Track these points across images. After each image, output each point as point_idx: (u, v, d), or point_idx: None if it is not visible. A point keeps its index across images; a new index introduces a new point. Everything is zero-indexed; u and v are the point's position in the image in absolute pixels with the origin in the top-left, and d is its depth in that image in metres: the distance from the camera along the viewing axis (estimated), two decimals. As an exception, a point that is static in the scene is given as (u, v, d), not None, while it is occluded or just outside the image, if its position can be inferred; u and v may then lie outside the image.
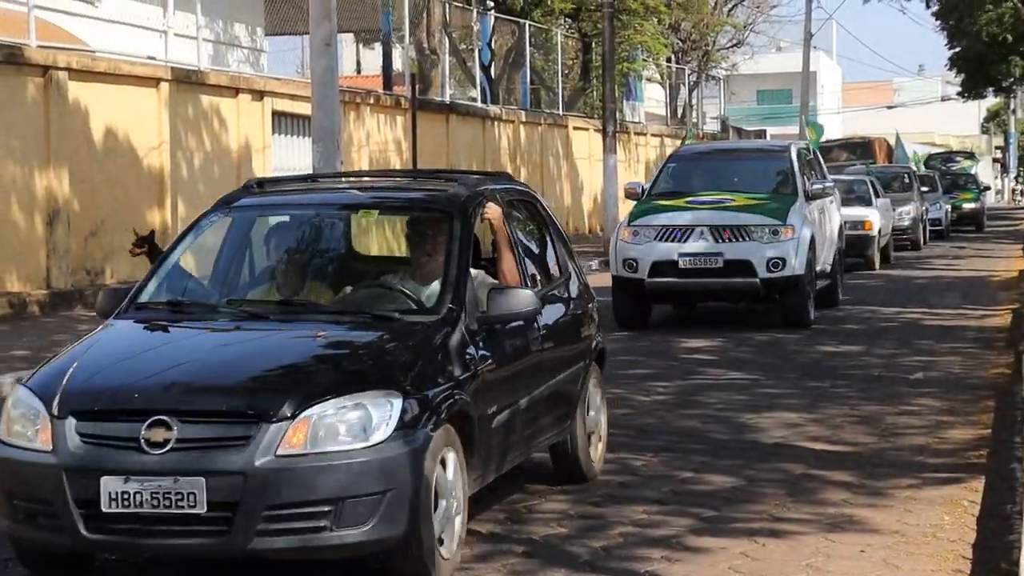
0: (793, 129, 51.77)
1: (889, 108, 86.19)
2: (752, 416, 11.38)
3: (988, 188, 55.23)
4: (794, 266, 17.13)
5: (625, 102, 46.17)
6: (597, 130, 36.22)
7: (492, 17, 37.58)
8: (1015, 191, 79.53)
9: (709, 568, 7.09)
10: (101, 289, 9.03)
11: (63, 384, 6.60)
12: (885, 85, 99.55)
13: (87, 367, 6.79)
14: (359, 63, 53.73)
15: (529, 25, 38.03)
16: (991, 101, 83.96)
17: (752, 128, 68.47)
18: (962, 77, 50.74)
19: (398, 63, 32.29)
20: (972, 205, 46.43)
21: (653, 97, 56.68)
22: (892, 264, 29.14)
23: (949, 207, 42.56)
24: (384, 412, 6.40)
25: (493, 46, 37.69)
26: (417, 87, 28.19)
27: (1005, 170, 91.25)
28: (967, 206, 46.10)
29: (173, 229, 20.22)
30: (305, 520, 6.24)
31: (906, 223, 33.64)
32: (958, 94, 54.37)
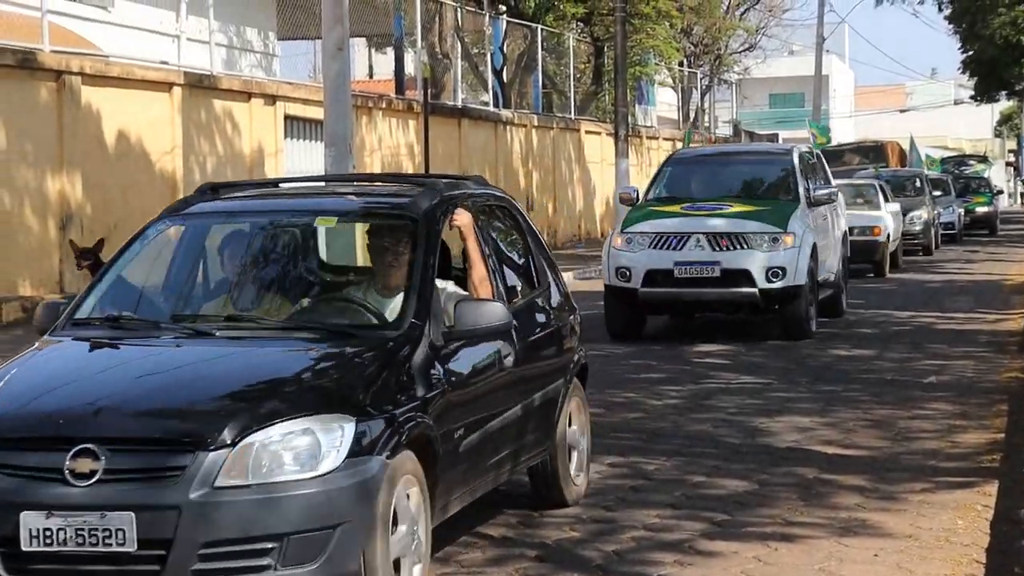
0: (805, 133, 51.71)
1: (902, 112, 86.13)
2: (764, 420, 11.37)
3: (1001, 192, 55.18)
4: (794, 275, 16.39)
5: (637, 106, 46.13)
6: (609, 134, 36.23)
7: (504, 21, 37.60)
8: None
9: (722, 572, 7.09)
10: (40, 302, 8.40)
11: None
12: (898, 89, 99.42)
13: (11, 390, 6.26)
14: (371, 67, 53.82)
15: (541, 29, 38.04)
16: (1004, 105, 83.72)
17: (764, 132, 68.44)
18: (975, 80, 50.64)
19: (410, 67, 32.31)
20: (985, 209, 46.37)
21: (665, 101, 56.67)
22: (903, 269, 28.93)
23: (962, 211, 42.51)
24: (334, 438, 5.87)
25: (505, 50, 37.71)
26: (429, 91, 28.22)
27: (1018, 173, 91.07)
28: (980, 210, 46.04)
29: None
30: (246, 559, 5.71)
31: (918, 228, 33.25)
32: (971, 98, 54.24)
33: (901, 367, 14.45)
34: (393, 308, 6.93)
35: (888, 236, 27.42)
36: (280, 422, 5.85)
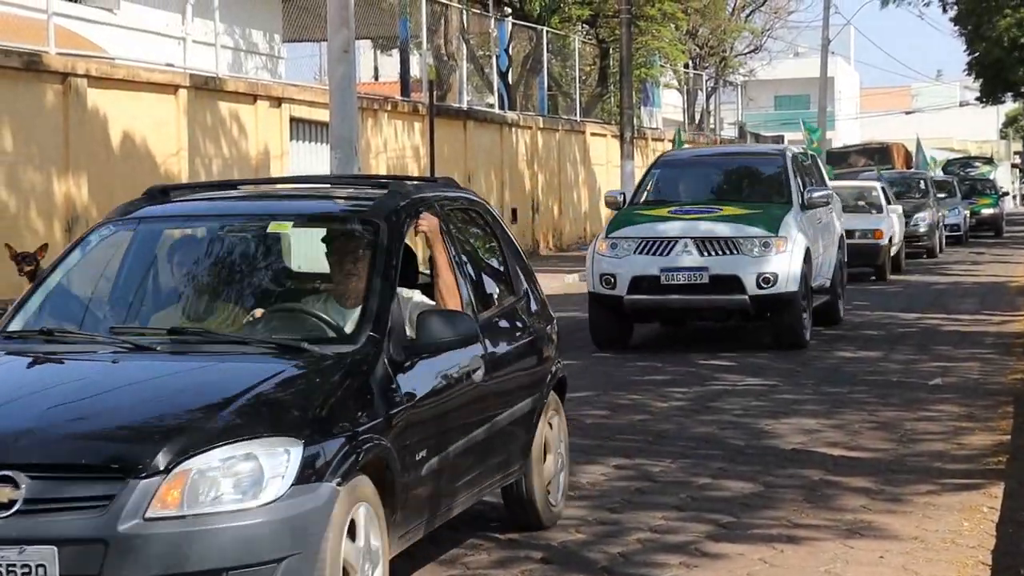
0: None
1: (907, 113, 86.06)
2: (770, 422, 11.37)
3: (1007, 193, 55.11)
4: (787, 282, 15.67)
5: (643, 108, 46.17)
6: (615, 136, 36.25)
7: (510, 23, 37.60)
8: None
9: (727, 574, 7.09)
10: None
11: None
12: (903, 90, 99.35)
13: None
14: (377, 70, 53.86)
15: (547, 31, 38.06)
16: (1010, 106, 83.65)
17: (770, 134, 68.42)
18: (981, 82, 50.61)
19: (416, 69, 32.35)
20: (991, 210, 46.34)
21: (671, 103, 56.69)
22: (907, 271, 28.76)
23: (968, 212, 42.47)
24: (279, 463, 5.36)
25: (511, 52, 37.70)
26: (435, 93, 28.22)
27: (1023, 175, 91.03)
28: (986, 211, 46.00)
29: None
30: None
31: (921, 230, 32.89)
32: (977, 99, 54.20)
33: (907, 369, 14.45)
34: (353, 320, 6.42)
35: (890, 239, 27.03)
36: (219, 446, 5.33)
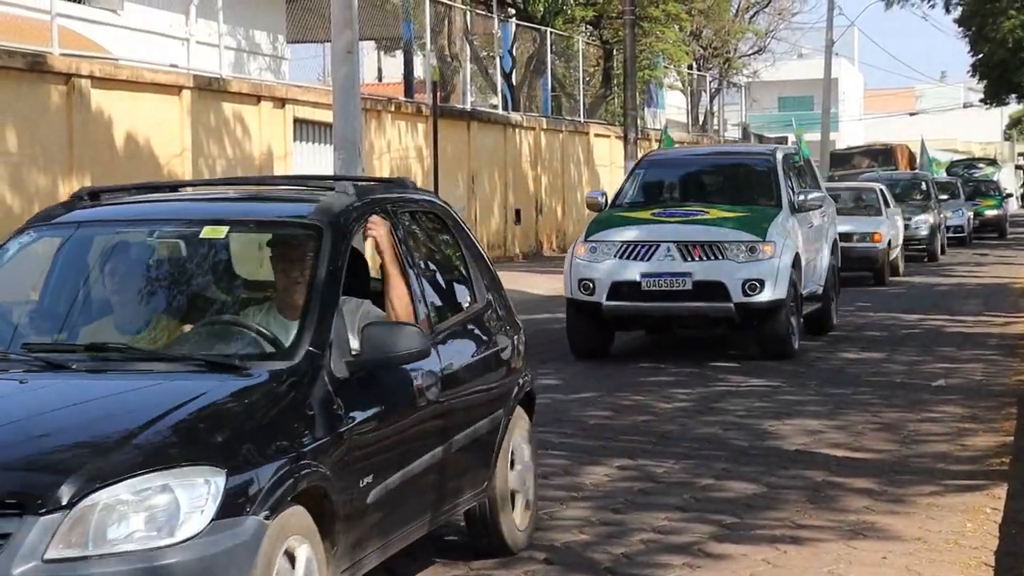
0: (815, 136, 51.73)
1: (911, 115, 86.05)
2: (773, 423, 11.37)
3: (1011, 195, 55.09)
4: (774, 289, 14.87)
5: (646, 109, 46.17)
6: (618, 137, 36.23)
7: (513, 24, 37.62)
8: None
9: (730, 575, 7.09)
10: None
11: None
12: (907, 91, 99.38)
13: None
14: (380, 71, 53.85)
15: (550, 32, 38.07)
16: (1014, 108, 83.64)
17: (773, 135, 68.41)
18: (984, 84, 50.63)
19: (419, 70, 32.34)
20: (994, 212, 46.34)
21: (674, 104, 56.71)
22: (910, 273, 28.47)
23: (971, 214, 42.46)
24: (199, 495, 4.83)
25: (514, 53, 37.73)
26: (438, 94, 28.22)
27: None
28: (989, 213, 45.99)
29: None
30: None
31: (922, 233, 32.35)
32: (981, 101, 54.23)
33: (910, 370, 14.45)
34: (292, 333, 5.90)
35: (889, 242, 26.45)
36: (130, 477, 4.78)
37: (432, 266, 7.26)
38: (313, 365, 5.68)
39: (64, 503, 4.69)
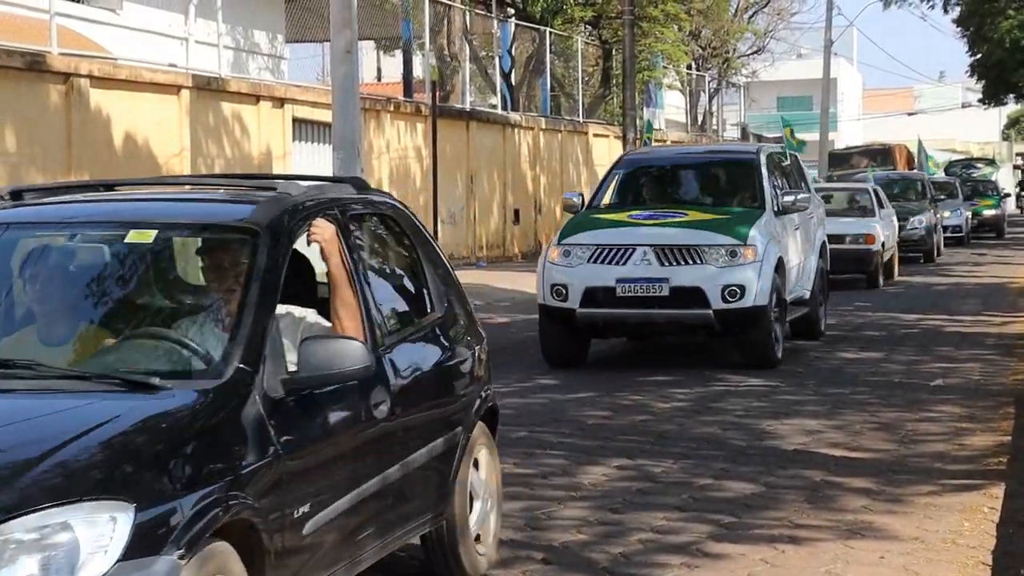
0: (813, 136, 51.74)
1: (910, 115, 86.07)
2: (772, 423, 11.38)
3: (1009, 195, 55.12)
4: (755, 295, 14.21)
5: (645, 109, 46.18)
6: (617, 137, 36.27)
7: (512, 24, 37.63)
8: (1021, 196, 78.73)
9: (729, 574, 7.09)
10: None
11: None
12: (906, 91, 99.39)
13: None
14: (380, 70, 53.87)
15: (549, 32, 38.09)
16: (1012, 108, 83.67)
17: (772, 135, 68.44)
18: (983, 84, 50.66)
19: (418, 70, 32.35)
20: (993, 212, 46.39)
21: (673, 104, 56.74)
22: (905, 275, 28.02)
23: (969, 214, 42.48)
24: (102, 533, 4.31)
25: (513, 53, 37.73)
26: (437, 94, 28.26)
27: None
28: (987, 212, 46.04)
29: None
30: None
31: (918, 234, 31.81)
32: (979, 101, 54.25)
33: (908, 370, 14.46)
34: (221, 348, 5.37)
35: (882, 244, 25.63)
36: (24, 515, 4.27)
37: (384, 273, 6.77)
38: (243, 384, 5.15)
39: None
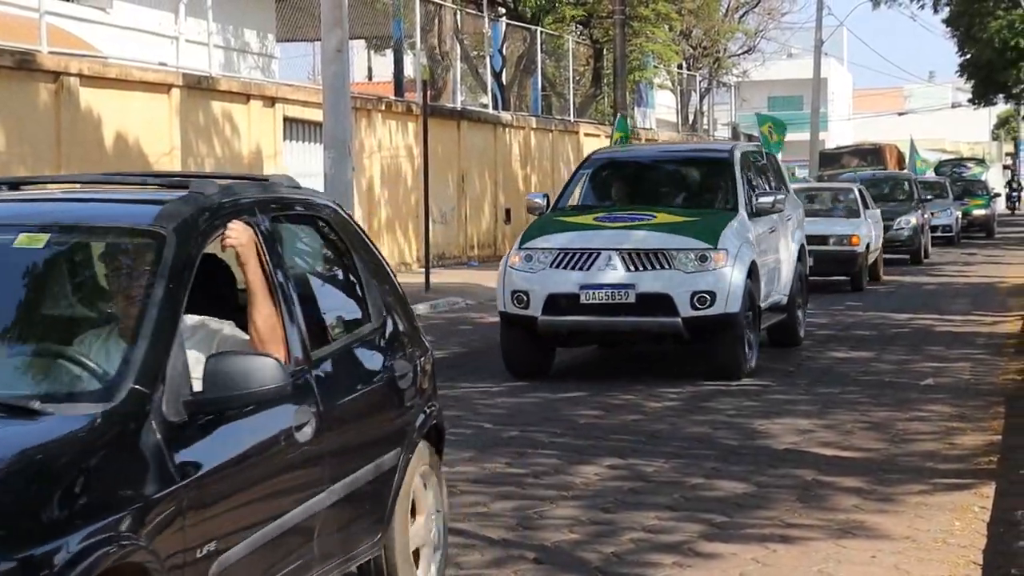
0: (804, 136, 51.77)
1: (900, 115, 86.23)
2: (763, 422, 11.38)
3: (998, 195, 55.22)
4: (726, 301, 13.49)
5: (636, 108, 46.21)
6: (608, 136, 36.28)
7: (503, 24, 37.64)
8: (1011, 196, 78.87)
9: (720, 574, 7.09)
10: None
11: None
12: (896, 91, 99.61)
13: None
14: (371, 70, 53.91)
15: (540, 32, 38.09)
16: (1001, 108, 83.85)
17: (764, 134, 68.48)
18: (973, 84, 50.76)
19: (409, 69, 32.35)
20: (983, 211, 46.49)
21: (664, 103, 56.80)
22: (889, 277, 27.53)
23: (959, 214, 42.55)
24: None
25: (504, 53, 37.77)
26: (428, 93, 28.24)
27: (1015, 176, 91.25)
28: (977, 212, 46.13)
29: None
30: None
31: (905, 234, 31.39)
32: (969, 101, 54.36)
33: (899, 369, 14.48)
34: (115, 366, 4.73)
35: (867, 245, 24.91)
36: None
37: (313, 282, 6.20)
38: (138, 407, 4.53)
39: None
